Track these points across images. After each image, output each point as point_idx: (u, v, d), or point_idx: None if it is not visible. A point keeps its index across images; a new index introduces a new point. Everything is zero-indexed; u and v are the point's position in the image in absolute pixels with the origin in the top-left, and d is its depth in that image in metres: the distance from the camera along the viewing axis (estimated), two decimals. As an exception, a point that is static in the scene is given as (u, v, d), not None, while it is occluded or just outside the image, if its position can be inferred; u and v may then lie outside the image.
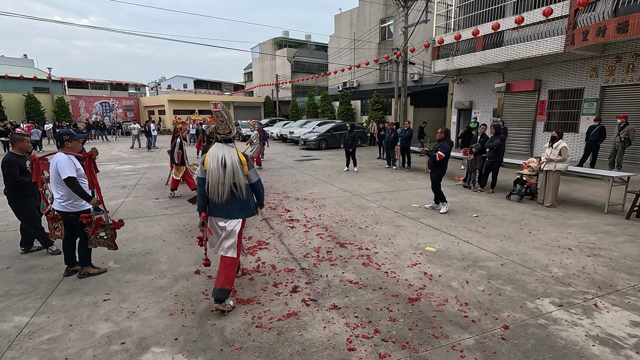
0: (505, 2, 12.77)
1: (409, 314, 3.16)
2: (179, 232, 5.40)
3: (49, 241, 4.55)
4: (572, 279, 3.83)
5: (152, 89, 52.67)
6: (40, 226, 4.52)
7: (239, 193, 3.17)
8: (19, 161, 4.27)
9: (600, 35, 9.01)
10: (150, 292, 3.56)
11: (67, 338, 2.84)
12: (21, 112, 29.07)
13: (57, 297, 3.48)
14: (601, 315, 3.13)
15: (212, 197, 3.16)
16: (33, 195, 4.42)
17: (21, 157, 4.35)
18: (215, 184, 3.10)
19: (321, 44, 44.43)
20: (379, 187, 8.71)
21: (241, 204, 3.23)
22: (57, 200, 3.69)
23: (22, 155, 4.38)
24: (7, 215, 6.26)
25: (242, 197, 3.20)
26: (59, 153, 3.66)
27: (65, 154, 3.63)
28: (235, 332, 2.91)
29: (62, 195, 3.67)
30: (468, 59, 13.62)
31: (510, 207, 6.74)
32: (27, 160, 4.39)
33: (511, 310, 3.21)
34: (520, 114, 13.88)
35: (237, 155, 3.18)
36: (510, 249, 4.68)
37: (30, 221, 4.43)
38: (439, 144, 6.31)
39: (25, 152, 4.44)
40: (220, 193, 3.12)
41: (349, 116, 23.78)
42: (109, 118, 34.91)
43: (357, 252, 4.56)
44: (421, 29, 17.77)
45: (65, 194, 3.66)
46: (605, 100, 11.19)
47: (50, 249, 4.53)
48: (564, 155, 6.55)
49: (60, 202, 3.68)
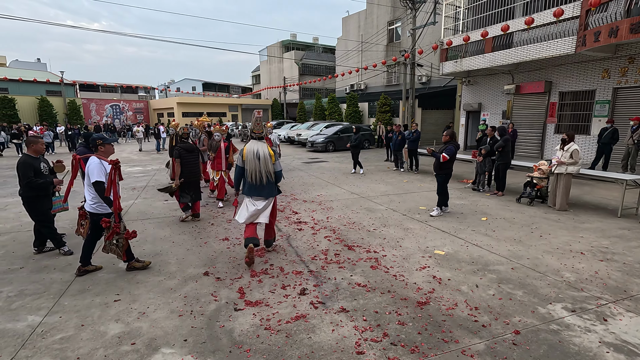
0: (514, 4, 12.66)
1: (418, 317, 3.13)
2: (188, 233, 5.45)
3: (62, 242, 4.63)
4: (585, 283, 3.76)
5: (162, 91, 53.31)
6: (53, 227, 4.60)
7: (270, 178, 4.20)
8: (33, 163, 4.36)
9: (613, 36, 8.87)
10: (159, 293, 3.59)
11: (78, 338, 2.87)
12: (34, 114, 29.68)
13: (69, 297, 3.53)
14: (615, 322, 3.07)
15: (251, 181, 4.16)
16: (47, 196, 4.51)
17: (36, 159, 4.43)
18: (253, 171, 4.13)
19: (328, 47, 44.53)
20: (386, 189, 8.68)
21: (272, 186, 4.28)
22: (89, 201, 3.87)
23: (37, 158, 4.46)
24: (20, 216, 6.39)
25: (272, 180, 4.24)
26: (93, 157, 3.83)
27: (97, 158, 3.80)
28: (244, 334, 2.92)
29: (93, 198, 3.84)
30: (477, 61, 13.52)
31: (520, 210, 6.65)
32: (42, 162, 4.48)
33: (522, 315, 3.16)
34: (530, 116, 13.71)
35: (267, 150, 4.20)
36: (521, 252, 4.62)
37: (44, 222, 4.51)
38: (445, 146, 6.27)
39: (40, 154, 4.53)
40: (256, 178, 4.15)
41: (356, 118, 23.77)
42: (119, 120, 35.43)
43: (365, 255, 4.54)
44: (429, 31, 17.70)
45: (96, 196, 3.83)
46: (618, 102, 11.00)
47: (63, 249, 4.60)
48: (575, 158, 6.45)
49: (91, 203, 3.85)
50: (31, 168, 4.30)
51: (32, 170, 4.30)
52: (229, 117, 38.16)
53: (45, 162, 4.60)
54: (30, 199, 4.39)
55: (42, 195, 4.43)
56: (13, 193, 8.35)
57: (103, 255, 4.47)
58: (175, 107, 35.17)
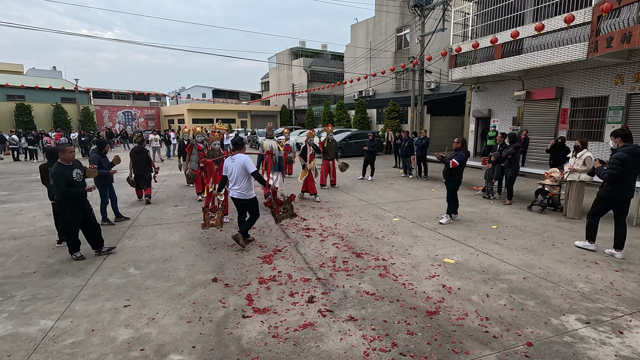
0: (524, 10, 12.59)
1: (428, 327, 3.09)
2: (197, 239, 5.49)
3: (77, 248, 4.67)
4: (600, 294, 3.67)
5: (172, 98, 54.15)
6: (75, 235, 4.62)
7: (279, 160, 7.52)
8: (65, 172, 4.40)
9: (626, 42, 8.74)
10: (169, 299, 3.62)
11: (89, 343, 2.91)
12: (49, 121, 30.40)
13: (81, 301, 3.58)
14: (632, 335, 2.98)
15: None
16: (78, 205, 4.56)
17: (68, 167, 4.47)
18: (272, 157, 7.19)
19: (337, 54, 44.77)
20: (395, 196, 8.63)
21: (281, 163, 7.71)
22: (237, 190, 4.80)
23: (69, 166, 4.50)
24: (35, 221, 6.52)
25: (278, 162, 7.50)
26: (241, 154, 4.85)
27: (246, 155, 4.91)
28: (252, 341, 2.91)
29: (242, 187, 4.80)
30: (486, 67, 13.44)
31: (531, 219, 6.55)
32: (75, 169, 4.55)
33: (535, 327, 3.10)
34: (541, 122, 13.54)
35: (276, 144, 7.57)
36: (533, 262, 4.54)
37: (69, 229, 4.55)
38: (455, 153, 6.22)
39: (70, 162, 4.57)
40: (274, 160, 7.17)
41: (364, 125, 23.77)
42: (131, 127, 36.05)
43: (373, 263, 4.51)
44: (438, 37, 17.68)
45: (245, 186, 4.81)
46: (632, 108, 10.81)
47: (75, 254, 4.67)
48: (588, 165, 6.34)
49: (240, 191, 4.81)
50: (63, 177, 4.36)
51: (65, 179, 4.36)
52: (238, 124, 38.51)
53: (80, 168, 4.70)
54: (62, 206, 4.47)
55: (74, 203, 4.50)
56: (28, 198, 8.54)
57: (119, 262, 4.54)
58: (185, 113, 35.67)
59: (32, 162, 17.08)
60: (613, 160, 4.58)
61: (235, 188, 4.84)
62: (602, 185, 4.79)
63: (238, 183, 4.81)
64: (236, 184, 4.83)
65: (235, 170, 4.79)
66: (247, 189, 4.84)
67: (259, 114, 40.38)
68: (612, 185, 4.62)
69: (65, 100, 33.96)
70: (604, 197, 4.76)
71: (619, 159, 4.50)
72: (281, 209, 5.18)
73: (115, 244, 5.21)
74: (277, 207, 5.08)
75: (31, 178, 11.55)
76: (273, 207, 5.06)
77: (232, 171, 4.83)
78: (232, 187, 4.89)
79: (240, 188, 4.81)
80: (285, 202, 5.15)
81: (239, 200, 4.90)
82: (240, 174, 4.78)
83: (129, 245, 5.24)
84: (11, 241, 5.44)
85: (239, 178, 4.80)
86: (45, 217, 6.61)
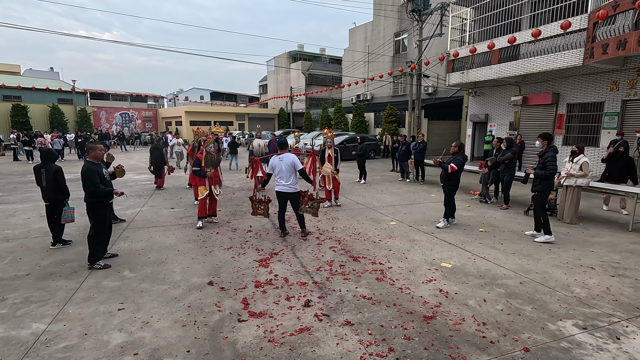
0: (521, 16, 12.70)
1: (424, 332, 3.07)
2: (193, 242, 5.45)
3: (99, 257, 4.50)
4: (596, 300, 3.67)
5: (170, 100, 54.07)
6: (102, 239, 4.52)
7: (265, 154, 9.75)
8: (97, 169, 4.40)
9: (621, 49, 8.83)
10: (164, 303, 3.58)
11: (81, 347, 2.86)
12: (46, 122, 30.22)
13: (74, 305, 3.53)
14: (629, 340, 2.98)
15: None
16: (108, 203, 4.58)
17: (98, 165, 4.46)
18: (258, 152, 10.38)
19: (335, 57, 44.92)
20: (392, 200, 8.63)
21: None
22: (287, 184, 5.42)
23: (98, 164, 4.49)
24: (29, 223, 6.46)
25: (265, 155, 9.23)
26: (289, 153, 5.51)
27: (293, 154, 5.50)
28: (247, 346, 2.88)
29: (291, 182, 5.44)
30: (483, 72, 13.53)
31: (528, 223, 6.56)
32: (104, 168, 4.55)
33: (532, 332, 3.09)
34: (537, 127, 13.61)
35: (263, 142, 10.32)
36: (530, 266, 4.54)
37: (99, 232, 4.45)
38: (453, 157, 6.23)
39: (100, 160, 4.55)
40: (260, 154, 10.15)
41: (362, 128, 23.83)
42: (128, 128, 35.91)
43: (370, 267, 4.49)
44: (435, 42, 17.79)
45: (293, 181, 5.46)
46: (627, 114, 10.90)
47: (99, 263, 4.45)
48: (585, 170, 6.37)
49: (289, 185, 5.43)
50: (97, 175, 4.34)
51: (97, 176, 4.34)
52: (236, 126, 38.49)
53: (106, 166, 4.73)
54: (95, 204, 4.42)
55: (104, 201, 4.49)
56: (22, 199, 8.46)
57: (115, 264, 4.50)
58: (183, 115, 35.60)
59: (28, 162, 16.96)
60: None
61: (283, 183, 5.45)
62: None
63: (286, 179, 5.44)
64: (285, 179, 5.44)
65: (285, 168, 5.41)
66: (294, 184, 5.51)
67: (256, 117, 40.39)
68: None
69: (62, 101, 33.81)
70: None
71: None
72: (310, 204, 5.74)
73: (110, 246, 5.16)
74: (306, 201, 5.73)
75: (26, 179, 11.46)
76: (304, 199, 5.72)
77: (281, 169, 5.43)
78: (280, 182, 5.48)
79: (289, 183, 5.45)
80: (315, 200, 5.75)
81: (287, 193, 5.49)
82: (289, 171, 5.42)
83: (124, 247, 5.20)
84: (4, 243, 5.38)
85: (287, 174, 5.42)
86: (40, 219, 6.54)
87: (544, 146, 5.82)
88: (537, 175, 5.63)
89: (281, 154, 5.54)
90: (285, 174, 5.44)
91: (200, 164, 6.29)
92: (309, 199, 5.77)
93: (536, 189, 5.70)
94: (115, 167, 5.01)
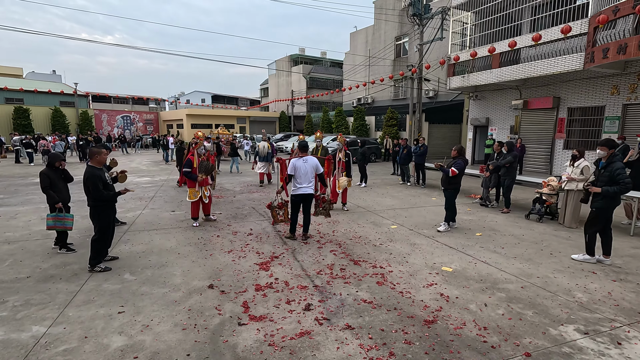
0: (522, 20, 12.75)
1: (425, 337, 3.06)
2: (194, 245, 5.45)
3: (100, 260, 4.50)
4: (598, 304, 3.66)
5: (172, 103, 54.22)
6: (105, 242, 4.52)
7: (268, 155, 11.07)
8: (100, 174, 4.39)
9: (622, 53, 8.85)
10: (164, 306, 3.57)
11: (81, 350, 2.86)
12: (47, 125, 30.33)
13: (74, 307, 3.53)
14: (630, 346, 2.96)
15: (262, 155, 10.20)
16: (113, 207, 4.60)
17: (100, 170, 4.46)
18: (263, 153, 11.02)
19: (336, 61, 45.09)
20: (393, 203, 8.63)
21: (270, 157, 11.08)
22: (308, 186, 5.52)
23: (101, 168, 4.48)
24: (29, 225, 6.47)
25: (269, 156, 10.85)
26: (311, 157, 5.71)
27: (315, 157, 5.87)
28: (248, 349, 2.88)
29: (312, 183, 5.60)
30: (484, 76, 13.56)
31: (529, 227, 6.55)
32: (106, 173, 4.56)
33: (533, 337, 3.07)
34: (538, 131, 13.63)
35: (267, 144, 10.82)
36: (531, 271, 4.52)
37: (103, 235, 4.45)
38: (453, 161, 6.23)
39: (102, 164, 4.56)
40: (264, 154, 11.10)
41: (363, 132, 23.86)
42: (129, 131, 35.99)
43: (371, 270, 4.48)
44: (436, 46, 17.85)
45: (313, 182, 5.64)
46: (628, 118, 10.90)
47: (100, 266, 4.45)
48: (586, 174, 6.36)
49: (311, 186, 5.57)
50: (100, 180, 4.34)
51: (101, 182, 4.34)
52: (237, 129, 38.57)
53: (108, 171, 4.75)
54: (99, 208, 4.42)
55: (108, 206, 4.50)
56: (24, 202, 8.48)
57: (115, 267, 4.51)
58: (184, 118, 35.69)
59: (29, 165, 17.00)
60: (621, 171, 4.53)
61: (305, 185, 5.53)
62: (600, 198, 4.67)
63: (309, 180, 5.55)
64: (307, 181, 5.54)
65: (309, 170, 5.55)
66: (313, 185, 5.70)
67: (257, 120, 40.48)
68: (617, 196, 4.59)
69: (64, 104, 33.93)
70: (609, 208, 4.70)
71: None
72: (324, 205, 6.17)
73: (111, 249, 5.16)
74: (320, 203, 6.15)
75: (27, 182, 11.49)
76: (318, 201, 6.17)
77: (306, 170, 5.53)
78: (301, 184, 5.52)
79: (311, 184, 5.59)
80: (328, 202, 6.21)
81: (308, 195, 5.59)
82: (312, 173, 5.58)
83: (124, 250, 5.20)
84: (5, 245, 5.38)
85: (310, 176, 5.55)
86: (41, 222, 6.54)
87: (607, 155, 4.73)
88: (606, 193, 4.57)
89: (304, 157, 5.61)
90: (308, 176, 5.56)
91: (191, 164, 6.38)
92: (322, 202, 6.10)
93: (596, 206, 4.74)
94: (118, 172, 5.03)
